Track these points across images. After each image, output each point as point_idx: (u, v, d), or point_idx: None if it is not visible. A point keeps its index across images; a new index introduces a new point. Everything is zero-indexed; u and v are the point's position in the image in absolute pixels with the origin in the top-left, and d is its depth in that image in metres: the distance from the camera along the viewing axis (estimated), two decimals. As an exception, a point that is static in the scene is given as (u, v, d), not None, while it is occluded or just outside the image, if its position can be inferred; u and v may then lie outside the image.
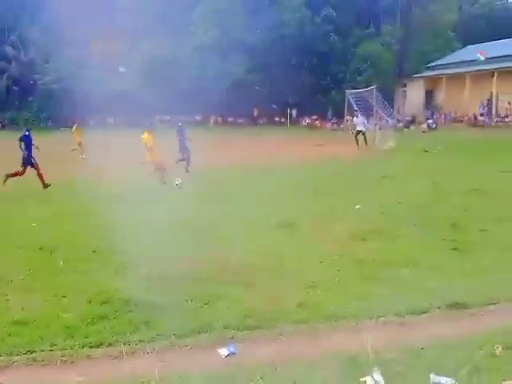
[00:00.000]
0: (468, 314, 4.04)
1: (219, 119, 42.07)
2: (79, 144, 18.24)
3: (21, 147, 10.95)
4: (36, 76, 43.43)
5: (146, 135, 11.42)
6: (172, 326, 3.83)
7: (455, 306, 4.15)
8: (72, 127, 19.53)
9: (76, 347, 3.52)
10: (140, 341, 3.60)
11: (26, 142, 11.07)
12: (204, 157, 14.12)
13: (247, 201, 9.07)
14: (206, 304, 4.26)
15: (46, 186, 10.90)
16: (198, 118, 45.77)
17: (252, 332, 3.77)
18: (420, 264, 5.17)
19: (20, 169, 10.91)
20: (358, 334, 3.70)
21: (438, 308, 4.13)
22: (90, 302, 4.30)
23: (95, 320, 3.95)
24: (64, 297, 4.44)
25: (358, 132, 19.55)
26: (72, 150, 17.99)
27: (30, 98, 45.20)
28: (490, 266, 5.08)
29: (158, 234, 6.64)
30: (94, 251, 5.85)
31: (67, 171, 13.65)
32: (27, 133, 11.30)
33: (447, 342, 3.51)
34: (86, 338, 3.65)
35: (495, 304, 4.20)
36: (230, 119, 42.65)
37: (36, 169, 10.95)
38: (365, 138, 19.50)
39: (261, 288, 4.60)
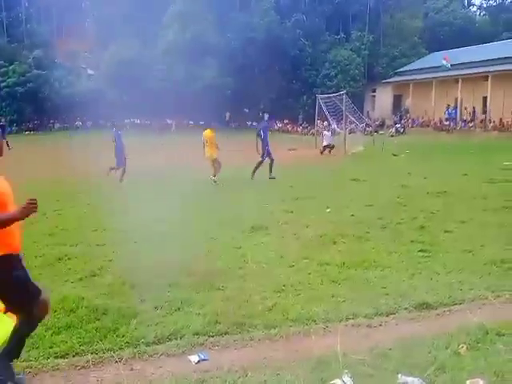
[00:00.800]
0: (434, 315, 4.13)
1: (190, 122, 41.79)
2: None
3: None
4: (-2, 78, 42.12)
5: (208, 132, 12.40)
6: (141, 333, 3.77)
7: (422, 306, 4.24)
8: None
9: (41, 358, 3.42)
10: (108, 349, 3.53)
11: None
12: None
13: (217, 204, 9.07)
14: (175, 310, 4.20)
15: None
16: (170, 121, 45.47)
17: (222, 337, 3.75)
18: (388, 266, 5.26)
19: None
20: (327, 337, 3.73)
21: (405, 309, 4.21)
22: (54, 310, 4.17)
23: (61, 329, 3.85)
24: (28, 306, 4.30)
25: (325, 147, 20.06)
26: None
27: (-9, 101, 43.85)
28: (454, 267, 5.21)
29: (126, 238, 6.57)
30: (59, 258, 5.71)
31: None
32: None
33: (414, 343, 3.57)
34: (51, 348, 3.55)
35: (460, 304, 4.31)
36: (202, 123, 42.47)
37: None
38: (330, 150, 19.96)
39: (230, 292, 4.58)
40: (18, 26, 48.53)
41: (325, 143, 20.34)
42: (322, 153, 20.04)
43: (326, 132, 21.47)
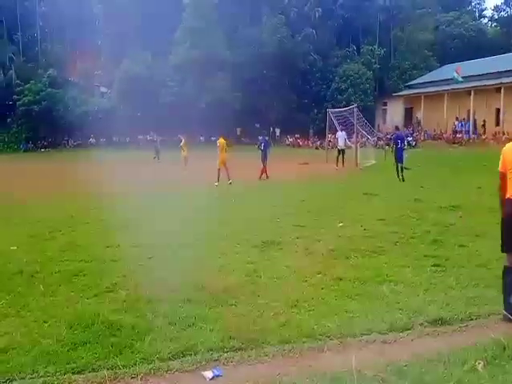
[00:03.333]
0: (450, 330, 4.08)
1: (201, 138, 42.13)
2: (185, 158, 20.12)
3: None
4: (15, 97, 43.05)
5: (221, 140, 15.68)
6: (155, 349, 3.79)
7: (437, 322, 4.20)
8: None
9: (57, 374, 3.45)
10: (124, 365, 3.55)
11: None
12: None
13: (228, 219, 9.11)
14: (189, 326, 4.22)
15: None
16: (181, 137, 45.87)
17: (236, 353, 3.75)
18: (402, 281, 5.23)
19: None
20: (342, 353, 3.71)
21: (420, 324, 4.17)
22: (71, 327, 4.23)
23: (77, 345, 3.88)
24: (45, 322, 4.36)
25: (340, 151, 20.06)
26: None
27: (8, 120, 44.78)
28: (469, 282, 5.16)
29: (139, 253, 6.63)
30: (75, 274, 5.78)
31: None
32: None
33: (430, 359, 3.53)
34: (68, 364, 3.58)
35: (476, 319, 4.26)
36: (213, 138, 42.77)
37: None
38: (343, 158, 19.87)
39: (243, 308, 4.59)
40: (33, 45, 49.74)
41: (340, 144, 20.07)
42: (337, 166, 19.79)
43: (339, 132, 21.14)
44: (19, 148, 43.22)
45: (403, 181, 14.89)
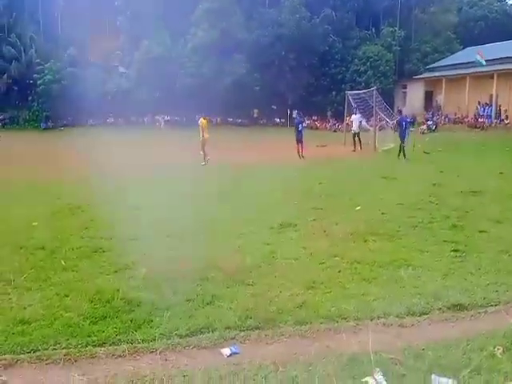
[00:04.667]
0: (468, 316, 4.06)
1: (217, 119, 41.94)
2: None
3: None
4: (35, 76, 43.37)
5: (203, 120, 15.91)
6: (174, 325, 3.85)
7: (455, 307, 4.18)
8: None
9: (79, 346, 3.54)
10: (143, 340, 3.62)
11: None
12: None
13: (247, 200, 9.11)
14: (207, 304, 4.27)
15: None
16: (198, 117, 45.83)
17: (253, 332, 3.79)
18: (420, 265, 5.19)
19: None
20: (358, 335, 3.72)
21: (439, 309, 4.15)
22: (91, 301, 4.32)
23: (97, 319, 3.97)
24: (66, 296, 4.46)
25: (355, 134, 20.16)
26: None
27: (29, 98, 45.19)
28: (490, 268, 5.10)
29: (158, 232, 6.69)
30: (94, 251, 5.87)
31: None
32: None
33: (448, 344, 3.52)
34: (89, 337, 3.67)
35: (495, 306, 4.22)
36: (230, 119, 42.64)
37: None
38: (360, 142, 19.96)
39: (261, 288, 4.61)
40: (53, 25, 49.78)
41: (354, 128, 20.20)
42: (354, 149, 19.89)
43: (354, 115, 21.18)
44: (39, 126, 43.68)
45: (405, 158, 16.25)
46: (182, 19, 41.45)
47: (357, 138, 20.12)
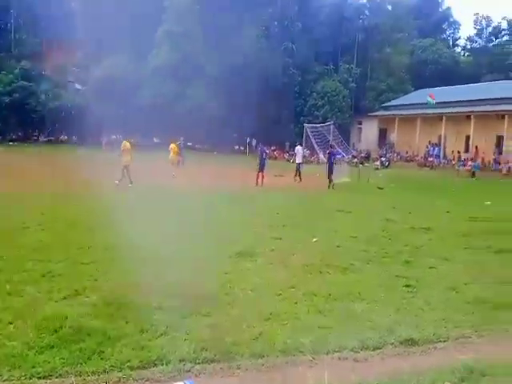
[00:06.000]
0: (419, 351, 4.16)
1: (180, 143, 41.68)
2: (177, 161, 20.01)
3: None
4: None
5: (126, 143, 16.28)
6: (126, 357, 3.71)
7: (407, 342, 4.28)
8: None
9: (22, 378, 3.34)
10: (92, 372, 3.46)
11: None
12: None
13: (204, 227, 9.04)
14: (161, 334, 4.15)
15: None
16: (156, 140, 45.45)
17: (208, 365, 3.71)
18: (374, 299, 5.30)
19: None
20: (314, 370, 3.73)
21: (391, 344, 4.23)
22: (37, 329, 4.10)
23: (43, 349, 3.77)
24: (10, 323, 4.21)
25: (298, 165, 20.96)
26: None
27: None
28: (439, 304, 5.27)
29: (114, 255, 6.50)
30: (43, 275, 5.60)
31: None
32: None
33: (400, 379, 3.60)
34: (34, 368, 3.47)
35: (444, 341, 4.36)
36: (189, 144, 42.51)
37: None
38: (299, 173, 20.65)
39: (217, 319, 4.55)
40: (5, 35, 48.31)
41: (298, 160, 21.10)
42: (300, 180, 20.50)
43: (298, 147, 22.11)
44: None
45: (332, 188, 17.92)
46: (143, 39, 41.23)
47: (298, 170, 20.91)
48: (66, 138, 44.78)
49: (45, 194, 12.70)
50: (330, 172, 18.44)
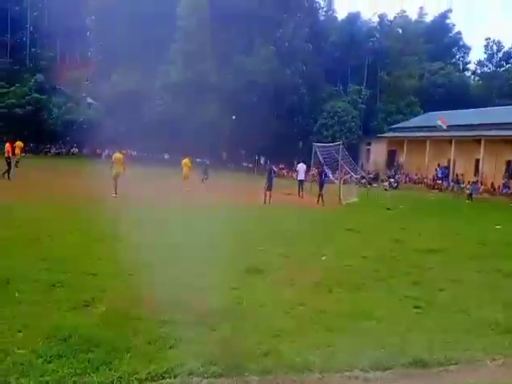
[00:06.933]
0: (430, 373, 4.09)
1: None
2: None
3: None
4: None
5: (118, 155, 16.81)
6: (134, 368, 3.68)
7: (418, 363, 4.21)
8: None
9: (30, 387, 3.32)
10: (100, 383, 3.44)
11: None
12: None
13: (216, 243, 9.03)
14: (170, 347, 4.13)
15: None
16: (166, 156, 45.78)
17: (217, 379, 3.67)
18: (384, 319, 5.24)
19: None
20: (323, 388, 3.67)
21: (402, 365, 4.17)
22: (46, 338, 4.09)
23: (52, 358, 3.75)
24: (19, 331, 4.21)
25: (300, 181, 21.79)
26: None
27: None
28: (449, 326, 5.20)
29: (120, 269, 6.50)
30: (52, 285, 5.61)
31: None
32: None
33: (411, 401, 3.54)
34: (42, 376, 3.45)
35: (456, 364, 4.28)
36: (198, 160, 42.75)
37: None
38: (302, 189, 21.47)
39: (226, 334, 4.52)
40: (21, 48, 49.33)
41: (300, 177, 22.00)
42: (299, 194, 21.26)
43: (300, 165, 22.95)
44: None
45: (323, 204, 18.32)
46: (155, 56, 41.94)
47: (301, 187, 21.62)
48: (76, 150, 45.26)
49: (44, 206, 12.73)
50: (321, 188, 19.48)
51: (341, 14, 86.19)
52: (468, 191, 29.52)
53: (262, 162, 44.40)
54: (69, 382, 3.43)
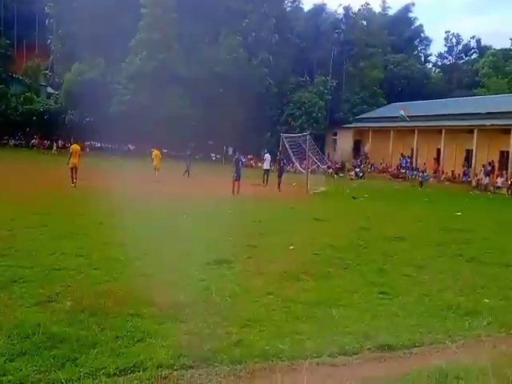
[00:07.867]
0: (396, 356, 4.21)
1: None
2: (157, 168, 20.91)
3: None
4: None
5: (77, 146, 17.36)
6: (101, 364, 3.62)
7: (384, 347, 4.32)
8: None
9: (-8, 386, 3.21)
10: (66, 380, 3.35)
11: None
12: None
13: (180, 235, 8.96)
14: (138, 341, 4.08)
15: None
16: (132, 147, 44.95)
17: (186, 371, 3.66)
18: (351, 306, 5.35)
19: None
20: (292, 375, 3.72)
21: (368, 349, 4.27)
22: (8, 336, 3.96)
23: (15, 356, 3.64)
24: (-21, 330, 4.06)
25: (265, 171, 22.47)
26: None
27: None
28: (413, 310, 5.35)
29: (84, 263, 6.36)
30: (14, 281, 5.43)
31: None
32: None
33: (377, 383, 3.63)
34: (5, 376, 3.35)
35: (419, 347, 4.42)
36: (165, 151, 42.16)
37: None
38: (267, 177, 22.16)
39: (194, 325, 4.49)
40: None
41: (265, 166, 22.84)
42: (263, 183, 21.74)
43: (266, 155, 23.97)
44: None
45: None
46: (119, 44, 40.79)
47: (266, 176, 22.27)
48: (37, 142, 43.72)
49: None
50: (279, 176, 21.09)
51: (306, 5, 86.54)
52: (420, 179, 30.49)
53: (230, 152, 44.25)
54: (33, 379, 3.34)
